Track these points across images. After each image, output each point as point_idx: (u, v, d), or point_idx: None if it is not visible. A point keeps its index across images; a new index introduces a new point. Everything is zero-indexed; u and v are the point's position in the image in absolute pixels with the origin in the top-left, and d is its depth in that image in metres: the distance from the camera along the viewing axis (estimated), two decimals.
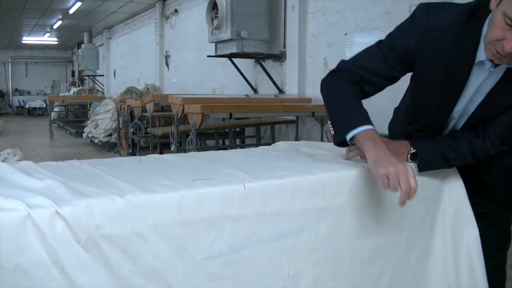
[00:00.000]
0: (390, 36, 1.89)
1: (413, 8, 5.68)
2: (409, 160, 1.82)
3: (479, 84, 1.75)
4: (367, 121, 1.73)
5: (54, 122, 14.75)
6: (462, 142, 1.82)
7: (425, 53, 1.76)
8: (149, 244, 1.26)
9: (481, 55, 1.67)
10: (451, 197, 1.93)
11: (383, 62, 1.86)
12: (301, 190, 1.53)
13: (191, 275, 1.32)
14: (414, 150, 1.83)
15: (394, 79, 1.92)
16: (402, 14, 6.12)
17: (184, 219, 1.30)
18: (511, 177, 1.99)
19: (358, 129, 1.69)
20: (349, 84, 1.87)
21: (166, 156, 1.95)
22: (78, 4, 13.78)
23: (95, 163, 1.74)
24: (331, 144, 2.16)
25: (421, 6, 1.81)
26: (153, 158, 1.95)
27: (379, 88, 1.95)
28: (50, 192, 1.28)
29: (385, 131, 6.48)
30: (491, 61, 1.64)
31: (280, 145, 2.28)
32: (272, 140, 7.65)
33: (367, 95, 1.95)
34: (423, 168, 1.83)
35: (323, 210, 1.58)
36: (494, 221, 1.94)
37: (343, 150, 2.03)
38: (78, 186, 1.35)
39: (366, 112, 1.79)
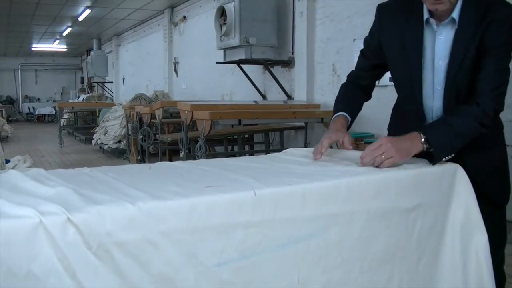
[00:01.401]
0: (365, 37, 2.33)
1: None
2: (425, 148, 1.89)
3: (431, 45, 2.00)
4: (341, 110, 2.26)
5: (63, 129, 14.82)
6: (461, 112, 1.94)
7: (384, 35, 2.14)
8: (160, 251, 1.27)
9: (425, 15, 1.99)
10: (460, 202, 1.93)
11: (363, 58, 2.34)
12: (311, 197, 1.53)
13: (201, 282, 1.33)
14: (425, 136, 1.88)
15: (377, 69, 2.33)
16: None
17: (194, 226, 1.31)
18: (496, 171, 2.11)
19: (334, 116, 2.24)
20: (347, 85, 2.42)
21: (176, 163, 1.97)
22: (87, 11, 13.87)
23: (105, 170, 1.75)
24: (342, 151, 2.17)
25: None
26: (163, 165, 1.96)
27: (371, 80, 2.41)
28: (62, 199, 1.29)
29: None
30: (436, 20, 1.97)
31: (290, 151, 2.29)
32: (281, 146, 7.65)
33: (367, 87, 2.43)
34: (438, 151, 1.89)
35: (333, 217, 1.58)
36: (484, 221, 1.94)
37: (353, 156, 2.05)
38: (89, 193, 1.36)
39: (344, 104, 2.33)
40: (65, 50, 24.20)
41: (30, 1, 12.42)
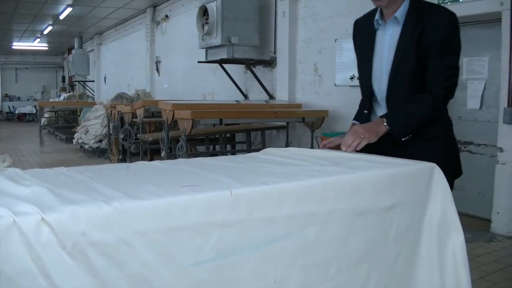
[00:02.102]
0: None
1: None
2: (388, 129, 2.23)
3: (381, 42, 2.41)
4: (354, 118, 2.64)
5: (44, 128, 14.69)
6: (415, 100, 2.30)
7: (356, 45, 2.61)
8: (136, 250, 1.26)
9: (377, 15, 2.41)
10: (436, 201, 1.95)
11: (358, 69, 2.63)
12: (288, 196, 1.53)
13: (177, 282, 1.32)
14: (386, 120, 2.24)
15: None
16: None
17: (170, 226, 1.30)
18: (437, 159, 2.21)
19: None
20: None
21: (155, 162, 1.96)
22: (69, 9, 13.76)
23: (82, 170, 1.74)
24: (320, 151, 2.18)
25: None
26: (141, 165, 1.95)
27: None
28: (36, 199, 1.28)
29: None
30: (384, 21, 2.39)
31: (269, 151, 2.29)
32: (262, 146, 7.66)
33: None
34: (397, 131, 2.25)
35: (309, 216, 1.59)
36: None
37: (331, 156, 2.06)
38: (65, 193, 1.35)
39: (357, 114, 2.66)
40: (46, 48, 23.99)
41: None
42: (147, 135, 8.00)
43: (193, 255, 1.35)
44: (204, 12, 8.03)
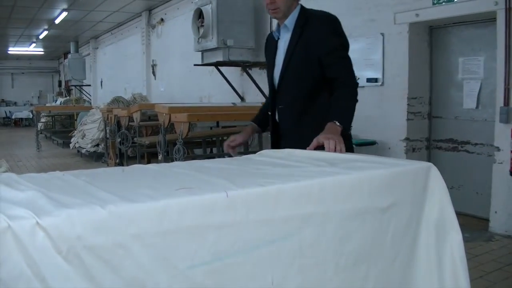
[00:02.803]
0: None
1: (397, 15, 5.80)
2: (340, 127, 2.42)
3: (277, 48, 2.75)
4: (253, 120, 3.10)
5: (41, 133, 14.68)
6: (342, 96, 2.57)
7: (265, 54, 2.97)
8: (131, 254, 1.25)
9: (276, 26, 2.79)
10: (434, 201, 1.94)
11: None
12: (284, 197, 1.53)
13: (174, 285, 1.32)
14: (336, 121, 2.43)
15: None
16: (386, 21, 6.17)
17: (166, 229, 1.30)
18: None
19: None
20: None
21: (150, 166, 1.95)
22: (64, 14, 13.75)
23: (78, 174, 1.74)
24: (315, 152, 2.17)
25: None
26: (137, 168, 1.94)
27: None
28: (31, 203, 1.27)
29: (374, 137, 6.47)
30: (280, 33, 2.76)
31: (265, 153, 2.29)
32: (259, 148, 7.64)
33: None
34: (346, 126, 2.48)
35: (306, 217, 1.58)
36: None
37: (328, 157, 2.06)
38: (60, 197, 1.34)
39: (258, 116, 3.15)
40: (42, 53, 23.97)
41: (5, 3, 12.27)
42: (144, 139, 7.99)
43: (190, 258, 1.34)
44: (199, 15, 8.03)
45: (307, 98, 2.67)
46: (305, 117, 2.68)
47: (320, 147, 2.27)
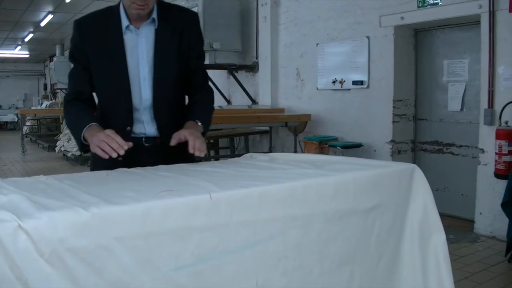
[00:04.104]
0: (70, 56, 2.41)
1: (382, 18, 5.86)
2: (201, 127, 2.26)
3: (135, 46, 2.27)
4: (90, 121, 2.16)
5: (26, 137, 14.57)
6: (203, 100, 2.44)
7: (88, 47, 2.28)
8: (114, 256, 1.25)
9: (124, 23, 2.25)
10: (418, 202, 1.96)
11: (79, 73, 2.36)
12: (268, 199, 1.53)
13: (157, 287, 1.31)
14: (198, 121, 2.26)
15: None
16: (371, 23, 6.21)
17: (149, 231, 1.29)
18: None
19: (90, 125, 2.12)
20: (73, 105, 2.35)
21: (134, 169, 1.95)
22: (50, 16, 13.68)
23: (62, 178, 1.73)
24: (301, 155, 2.18)
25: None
26: (121, 171, 1.93)
27: (91, 91, 2.40)
28: (13, 206, 1.26)
29: (360, 139, 6.53)
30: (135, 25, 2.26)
31: (249, 156, 2.29)
32: (246, 151, 7.65)
33: (90, 100, 2.42)
34: (205, 127, 2.31)
35: (290, 219, 1.58)
36: None
37: (313, 159, 2.06)
38: (42, 200, 1.33)
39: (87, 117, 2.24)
40: (27, 56, 23.81)
41: None
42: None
43: (173, 260, 1.34)
44: None
45: (179, 98, 2.44)
46: (177, 117, 2.36)
47: (182, 144, 2.12)
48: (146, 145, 2.32)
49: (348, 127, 6.65)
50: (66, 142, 10.87)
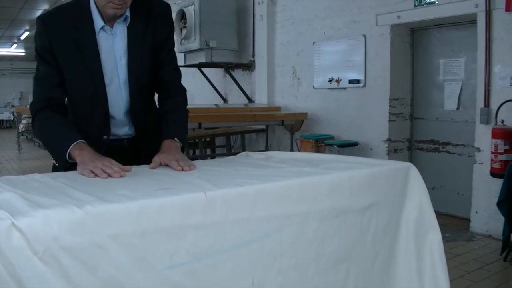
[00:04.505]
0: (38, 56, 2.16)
1: (379, 17, 5.86)
2: (180, 144, 2.09)
3: (111, 48, 2.09)
4: (77, 138, 1.93)
5: (22, 135, 14.54)
6: (176, 107, 2.25)
7: (56, 45, 2.04)
8: (109, 254, 1.24)
9: (98, 23, 2.05)
10: (414, 201, 1.96)
11: (49, 76, 2.12)
12: (264, 197, 1.53)
13: (152, 285, 1.30)
14: (176, 139, 2.08)
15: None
16: (368, 23, 6.21)
17: (144, 229, 1.29)
18: None
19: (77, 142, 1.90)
20: (48, 114, 2.08)
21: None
22: None
23: (56, 176, 1.72)
24: (297, 153, 2.18)
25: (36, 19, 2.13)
26: None
27: (64, 94, 2.15)
28: (7, 204, 1.25)
29: (357, 138, 6.53)
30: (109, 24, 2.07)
31: (245, 154, 2.29)
32: (242, 149, 7.64)
33: (64, 105, 2.17)
34: (183, 142, 2.12)
35: (286, 217, 1.58)
36: None
37: (309, 157, 2.06)
38: (36, 198, 1.32)
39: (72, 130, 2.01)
40: (24, 54, 23.74)
41: None
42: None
43: (168, 258, 1.33)
44: (182, 16, 8.01)
45: (149, 100, 2.29)
46: (152, 115, 2.29)
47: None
48: (127, 146, 2.24)
49: (344, 126, 6.65)
50: None
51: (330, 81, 6.91)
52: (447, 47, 5.87)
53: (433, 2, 5.53)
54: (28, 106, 19.45)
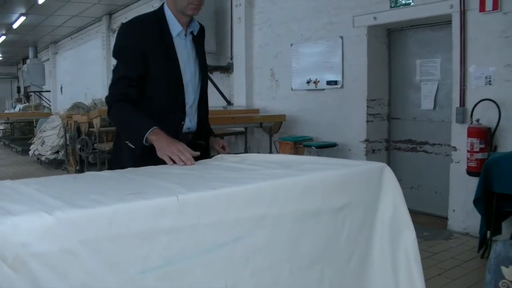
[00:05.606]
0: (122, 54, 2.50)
1: (356, 19, 5.90)
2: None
3: (184, 49, 2.49)
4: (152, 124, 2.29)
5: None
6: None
7: (146, 48, 2.38)
8: (80, 260, 1.23)
9: (176, 28, 2.44)
10: (388, 200, 1.97)
11: (129, 73, 2.43)
12: (236, 200, 1.53)
13: None
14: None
15: (141, 80, 2.43)
16: (345, 24, 6.25)
17: (115, 234, 1.28)
18: None
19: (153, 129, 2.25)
20: (124, 105, 2.43)
21: (103, 172, 1.93)
22: (22, 18, 13.50)
23: (29, 182, 1.70)
24: (272, 155, 2.18)
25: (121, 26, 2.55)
26: (89, 175, 1.92)
27: (138, 92, 2.44)
28: None
29: (335, 139, 6.55)
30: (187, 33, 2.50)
31: (220, 157, 2.29)
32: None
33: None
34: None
35: (259, 219, 1.58)
36: None
37: (283, 159, 2.07)
38: (6, 205, 1.31)
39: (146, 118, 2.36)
40: (0, 59, 23.48)
41: None
42: (104, 145, 7.89)
43: (140, 263, 1.32)
44: None
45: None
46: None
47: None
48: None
49: (322, 127, 6.68)
50: (40, 146, 10.73)
51: (308, 82, 6.93)
52: (423, 47, 5.93)
53: (409, 3, 5.58)
54: (4, 112, 19.24)
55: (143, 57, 2.37)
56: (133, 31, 2.42)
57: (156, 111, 2.43)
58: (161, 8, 2.47)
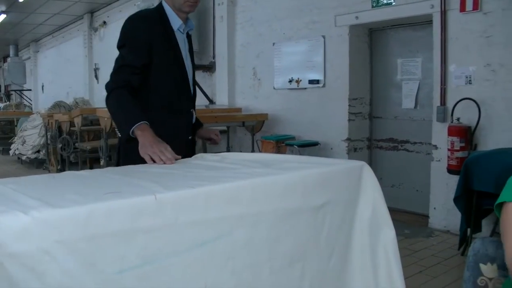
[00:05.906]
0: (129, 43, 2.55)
1: (338, 18, 5.92)
2: None
3: (182, 42, 2.60)
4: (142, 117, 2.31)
5: None
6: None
7: (152, 40, 2.47)
8: (57, 260, 1.22)
9: (177, 22, 2.55)
10: (367, 199, 1.98)
11: (133, 60, 2.48)
12: (215, 199, 1.52)
13: None
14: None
15: (145, 68, 2.49)
16: (327, 23, 6.26)
17: (92, 233, 1.27)
18: None
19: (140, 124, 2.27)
20: (122, 92, 2.43)
21: (82, 172, 1.91)
22: (3, 16, 13.35)
23: (5, 181, 1.68)
24: (252, 154, 2.18)
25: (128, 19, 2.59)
26: (68, 174, 1.90)
27: (140, 80, 2.49)
28: None
29: (317, 138, 6.56)
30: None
31: (200, 156, 2.29)
32: (204, 151, 7.61)
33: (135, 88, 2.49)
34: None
35: (238, 218, 1.58)
36: None
37: (263, 158, 2.06)
38: None
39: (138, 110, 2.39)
40: None
41: None
42: (86, 144, 7.85)
43: (118, 262, 1.31)
44: None
45: None
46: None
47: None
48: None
49: (304, 126, 6.69)
50: (21, 145, 10.62)
51: (290, 81, 6.94)
52: (404, 47, 5.96)
53: (390, 3, 5.61)
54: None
55: (149, 48, 2.45)
56: (141, 23, 2.50)
57: (166, 101, 2.54)
58: (160, 5, 2.58)
